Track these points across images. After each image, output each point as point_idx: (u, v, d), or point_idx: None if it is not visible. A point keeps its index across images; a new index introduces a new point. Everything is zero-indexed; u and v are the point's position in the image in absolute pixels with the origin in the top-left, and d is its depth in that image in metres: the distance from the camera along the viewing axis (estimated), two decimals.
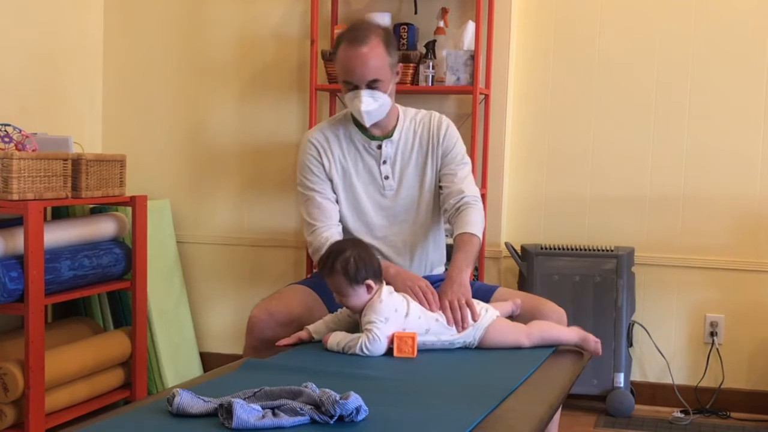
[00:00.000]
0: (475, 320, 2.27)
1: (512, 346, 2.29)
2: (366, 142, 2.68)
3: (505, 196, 3.83)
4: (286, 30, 3.95)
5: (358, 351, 2.15)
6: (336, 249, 2.26)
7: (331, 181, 2.68)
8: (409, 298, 2.28)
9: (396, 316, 2.20)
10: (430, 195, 2.71)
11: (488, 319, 2.29)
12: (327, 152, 2.68)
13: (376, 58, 2.53)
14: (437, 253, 2.80)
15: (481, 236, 2.61)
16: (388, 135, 2.69)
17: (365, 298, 2.21)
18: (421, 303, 2.29)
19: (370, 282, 2.21)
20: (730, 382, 3.68)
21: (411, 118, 2.73)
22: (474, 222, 2.60)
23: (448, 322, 2.25)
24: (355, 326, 2.28)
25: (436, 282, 2.65)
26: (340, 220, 2.69)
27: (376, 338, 2.15)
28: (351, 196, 2.68)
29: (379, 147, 2.68)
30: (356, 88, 2.55)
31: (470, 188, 2.69)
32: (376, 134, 2.68)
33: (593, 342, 2.36)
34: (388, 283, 2.32)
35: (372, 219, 2.69)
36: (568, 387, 2.10)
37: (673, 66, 3.69)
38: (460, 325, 2.26)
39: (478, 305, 2.32)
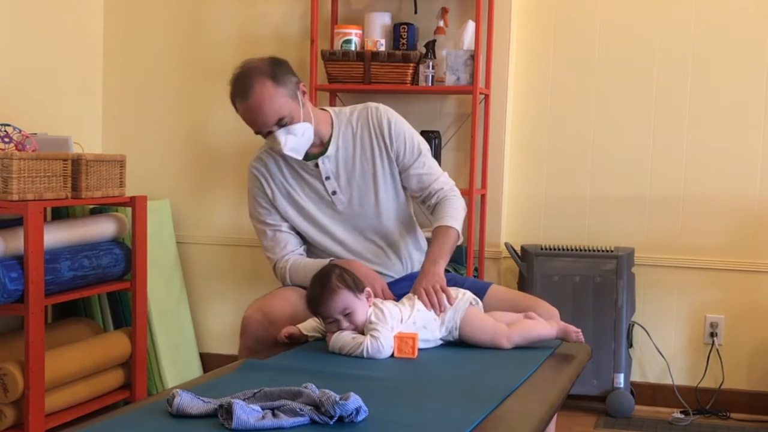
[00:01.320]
0: (451, 303, 2.28)
1: (491, 346, 2.27)
2: (302, 164, 2.61)
3: (505, 196, 3.83)
4: (286, 30, 3.95)
5: (361, 354, 2.15)
6: (325, 272, 2.23)
7: (276, 208, 2.64)
8: (398, 304, 2.29)
9: (397, 322, 2.21)
10: (387, 194, 2.64)
11: (465, 300, 2.31)
12: (269, 180, 2.64)
13: (269, 101, 2.44)
14: (416, 247, 2.75)
15: (458, 226, 2.55)
16: (324, 151, 2.61)
17: (366, 309, 2.20)
18: (426, 306, 2.29)
19: (368, 290, 2.23)
20: (730, 383, 3.68)
21: (347, 122, 2.63)
22: (448, 214, 2.55)
23: (426, 306, 2.26)
24: None
25: None
26: (311, 243, 2.67)
27: (381, 346, 2.14)
28: (307, 217, 2.63)
29: (316, 166, 2.61)
30: (269, 132, 2.50)
31: (442, 181, 2.64)
32: (312, 152, 2.60)
33: (573, 333, 2.33)
34: None
35: (338, 235, 2.64)
36: (567, 387, 2.10)
37: (673, 66, 3.68)
38: (437, 308, 2.27)
39: (454, 291, 2.33)
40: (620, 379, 3.59)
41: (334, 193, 2.61)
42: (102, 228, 3.45)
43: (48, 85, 3.78)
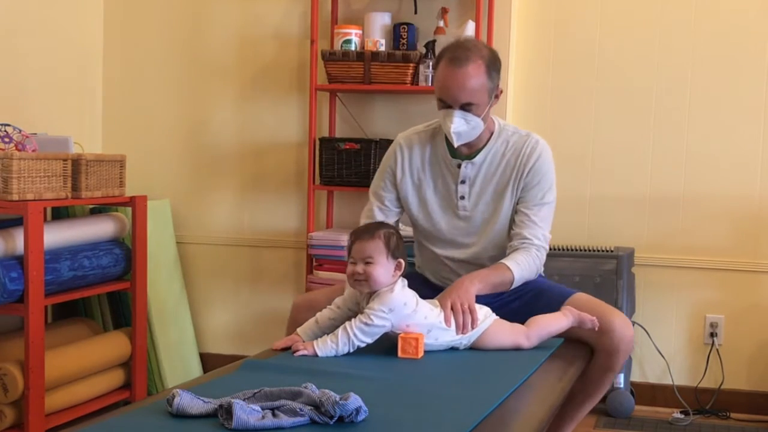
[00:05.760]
0: (474, 327, 2.28)
1: (511, 348, 2.30)
2: (448, 159, 2.64)
3: None
4: (286, 30, 3.95)
5: (350, 331, 2.14)
6: (381, 224, 2.31)
7: (397, 189, 2.67)
8: (419, 297, 2.26)
9: (402, 309, 2.19)
10: (501, 223, 2.62)
11: (486, 324, 2.30)
12: (405, 161, 2.66)
13: (474, 81, 2.47)
14: None
15: (517, 276, 2.48)
16: (472, 156, 2.62)
17: (389, 277, 2.19)
18: (446, 321, 2.25)
19: (401, 261, 2.20)
20: (730, 383, 3.68)
21: (504, 140, 2.63)
22: (517, 260, 2.50)
23: (447, 322, 2.24)
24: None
25: None
26: (417, 228, 2.70)
27: (372, 324, 2.14)
28: (424, 208, 2.66)
29: (459, 166, 2.62)
30: (449, 107, 2.51)
31: (537, 235, 2.57)
32: (462, 152, 2.62)
33: (589, 320, 2.36)
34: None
35: (444, 235, 2.65)
36: (567, 387, 2.10)
37: (673, 66, 3.68)
38: (461, 329, 2.25)
39: (480, 310, 2.32)
40: (620, 379, 3.59)
41: (462, 197, 2.63)
42: (102, 228, 3.45)
43: (48, 85, 3.78)
